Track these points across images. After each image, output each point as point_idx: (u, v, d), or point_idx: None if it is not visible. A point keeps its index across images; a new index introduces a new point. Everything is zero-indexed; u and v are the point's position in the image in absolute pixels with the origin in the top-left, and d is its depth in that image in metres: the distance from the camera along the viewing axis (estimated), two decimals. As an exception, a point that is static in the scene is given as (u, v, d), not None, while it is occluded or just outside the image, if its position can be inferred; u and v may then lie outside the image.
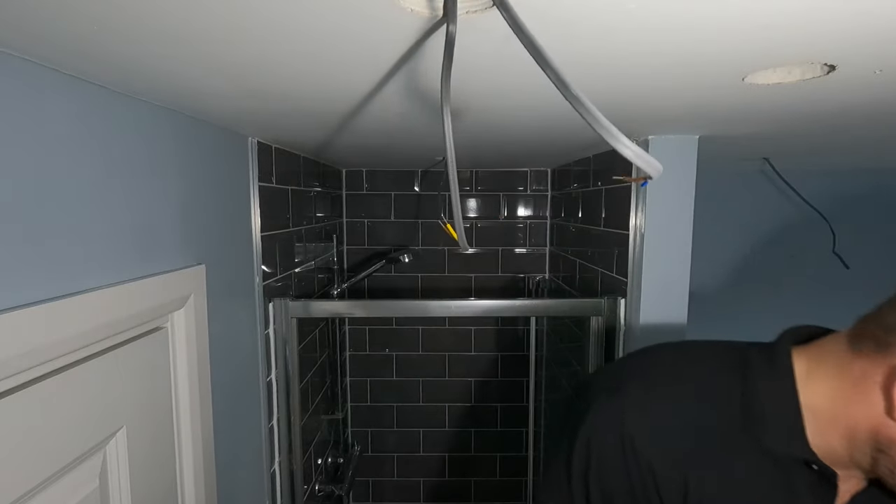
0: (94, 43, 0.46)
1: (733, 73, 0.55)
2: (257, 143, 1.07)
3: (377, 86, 0.61)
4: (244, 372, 1.04)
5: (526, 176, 1.99)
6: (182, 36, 0.44)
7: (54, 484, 0.54)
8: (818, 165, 1.69)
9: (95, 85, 0.59)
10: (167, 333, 0.76)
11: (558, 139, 1.10)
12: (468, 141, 1.12)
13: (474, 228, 2.02)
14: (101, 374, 0.61)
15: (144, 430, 0.69)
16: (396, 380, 2.12)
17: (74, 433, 0.56)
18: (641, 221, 1.07)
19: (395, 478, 2.17)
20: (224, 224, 0.94)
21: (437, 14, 0.39)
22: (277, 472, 1.22)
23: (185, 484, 0.80)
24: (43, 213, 0.52)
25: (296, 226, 1.36)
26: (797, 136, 1.00)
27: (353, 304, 1.21)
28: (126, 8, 0.39)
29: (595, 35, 0.44)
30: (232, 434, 0.97)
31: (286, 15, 0.40)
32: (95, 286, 0.59)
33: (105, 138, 0.62)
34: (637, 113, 0.78)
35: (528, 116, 0.81)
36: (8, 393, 0.48)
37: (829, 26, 0.42)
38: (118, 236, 0.64)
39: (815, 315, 1.38)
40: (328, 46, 0.47)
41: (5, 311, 0.47)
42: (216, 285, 0.89)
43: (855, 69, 0.53)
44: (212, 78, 0.58)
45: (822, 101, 0.67)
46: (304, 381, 1.42)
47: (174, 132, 0.77)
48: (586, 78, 0.57)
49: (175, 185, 0.77)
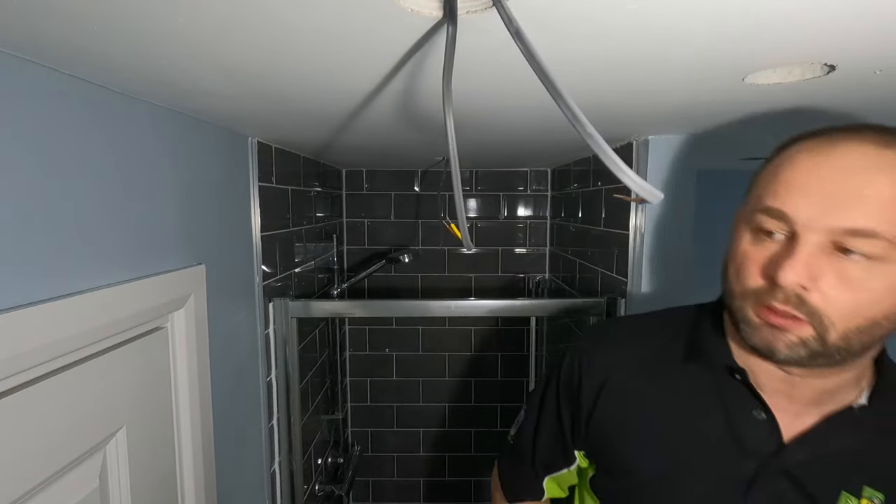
0: (94, 42, 0.46)
1: (733, 73, 0.55)
2: (257, 143, 1.07)
3: (378, 86, 0.61)
4: (244, 372, 1.04)
5: (526, 176, 1.99)
6: (182, 35, 0.44)
7: (54, 484, 0.54)
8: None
9: (95, 85, 0.59)
10: (167, 333, 0.76)
11: (559, 140, 1.10)
12: (468, 141, 1.12)
13: (474, 228, 2.02)
14: (101, 374, 0.61)
15: (144, 430, 0.69)
16: (396, 380, 2.12)
17: (74, 433, 0.56)
18: (641, 221, 1.07)
19: (395, 478, 2.17)
20: (224, 224, 0.94)
21: (437, 14, 0.39)
22: (277, 472, 1.22)
23: (185, 484, 0.80)
24: (43, 213, 0.52)
25: (296, 226, 1.36)
26: (797, 136, 1.00)
27: (353, 304, 1.21)
28: (126, 7, 0.39)
29: (595, 35, 0.44)
30: (232, 434, 0.97)
31: (286, 14, 0.40)
32: (95, 286, 0.59)
33: (105, 138, 0.62)
34: (637, 113, 0.78)
35: (529, 117, 0.81)
36: (8, 393, 0.48)
37: (829, 26, 0.42)
38: (118, 236, 0.64)
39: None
40: (328, 46, 0.47)
41: (5, 311, 0.47)
42: (216, 285, 0.89)
43: (855, 69, 0.53)
44: (212, 77, 0.58)
45: (822, 101, 0.67)
46: (304, 381, 1.42)
47: (174, 132, 0.77)
48: (586, 78, 0.57)
49: (175, 185, 0.77)
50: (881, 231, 0.43)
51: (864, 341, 0.47)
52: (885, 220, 0.43)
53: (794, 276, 0.45)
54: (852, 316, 0.45)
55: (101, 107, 0.61)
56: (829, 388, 0.53)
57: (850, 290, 0.44)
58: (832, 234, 0.44)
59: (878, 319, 0.45)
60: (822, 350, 0.47)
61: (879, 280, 0.44)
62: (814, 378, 0.52)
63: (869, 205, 0.43)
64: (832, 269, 0.45)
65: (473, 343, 2.09)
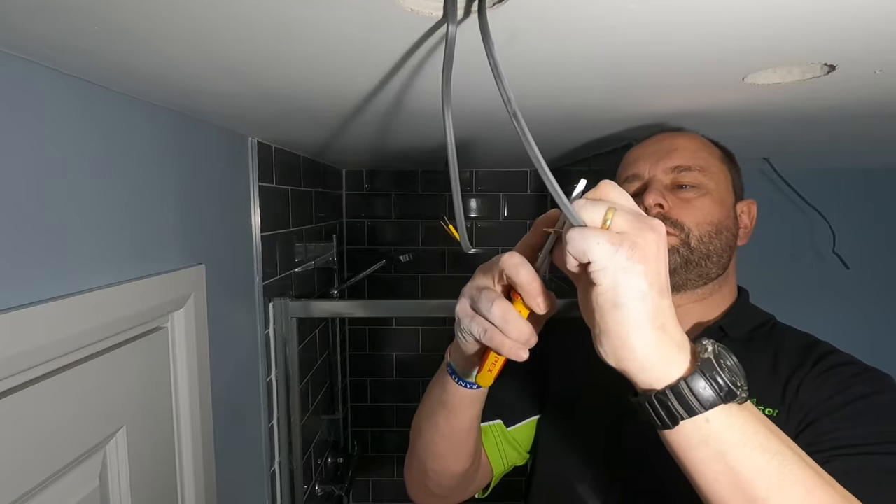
0: (94, 42, 0.46)
1: (733, 73, 0.55)
2: (257, 143, 1.07)
3: (378, 86, 0.61)
4: (244, 372, 1.04)
5: (526, 176, 1.99)
6: (182, 35, 0.44)
7: (54, 484, 0.54)
8: (818, 165, 1.69)
9: (95, 85, 0.59)
10: (167, 333, 0.76)
11: (559, 139, 1.10)
12: (468, 141, 1.12)
13: (474, 228, 2.02)
14: (101, 374, 0.61)
15: (144, 430, 0.69)
16: (396, 380, 2.12)
17: (74, 433, 0.56)
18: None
19: (395, 478, 2.17)
20: (224, 224, 0.94)
21: (437, 14, 0.39)
22: (277, 472, 1.22)
23: (185, 484, 0.80)
24: (42, 213, 0.52)
25: (296, 226, 1.36)
26: (797, 136, 1.00)
27: (353, 304, 1.21)
28: (126, 6, 0.38)
29: (595, 35, 0.44)
30: (232, 434, 0.97)
31: (286, 14, 0.40)
32: (95, 286, 0.59)
33: (105, 138, 0.62)
34: (637, 112, 0.78)
35: (529, 116, 0.81)
36: (8, 393, 0.48)
37: (829, 26, 0.42)
38: (118, 236, 0.64)
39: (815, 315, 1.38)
40: (328, 46, 0.47)
41: (5, 311, 0.47)
42: (216, 285, 0.89)
43: (855, 69, 0.53)
44: (212, 77, 0.58)
45: (822, 101, 0.67)
46: (304, 381, 1.42)
47: (174, 132, 0.77)
48: (586, 78, 0.57)
49: (175, 184, 0.77)
50: (692, 165, 0.67)
51: (717, 245, 0.66)
52: (693, 159, 0.68)
53: (653, 198, 0.65)
54: (702, 223, 0.65)
55: (101, 107, 0.61)
56: (704, 316, 0.68)
57: (692, 207, 0.66)
58: (666, 173, 0.68)
59: (718, 224, 0.66)
60: (689, 255, 0.64)
61: (707, 199, 0.66)
62: (692, 304, 0.68)
63: (682, 151, 0.69)
64: (676, 197, 0.66)
65: (473, 343, 2.08)
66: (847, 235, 1.75)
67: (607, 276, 0.35)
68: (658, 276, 0.36)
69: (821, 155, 1.37)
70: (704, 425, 0.36)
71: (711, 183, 0.67)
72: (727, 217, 0.68)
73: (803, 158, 1.47)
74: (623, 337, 0.36)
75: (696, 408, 0.36)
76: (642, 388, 0.38)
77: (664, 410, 0.37)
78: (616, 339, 0.36)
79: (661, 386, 0.37)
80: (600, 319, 0.37)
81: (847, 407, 0.55)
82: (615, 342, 0.37)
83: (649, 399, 0.37)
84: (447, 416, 0.60)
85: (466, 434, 0.62)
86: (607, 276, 0.35)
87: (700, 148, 0.70)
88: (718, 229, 0.66)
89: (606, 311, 0.36)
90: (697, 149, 0.69)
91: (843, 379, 0.58)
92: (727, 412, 0.37)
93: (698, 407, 0.36)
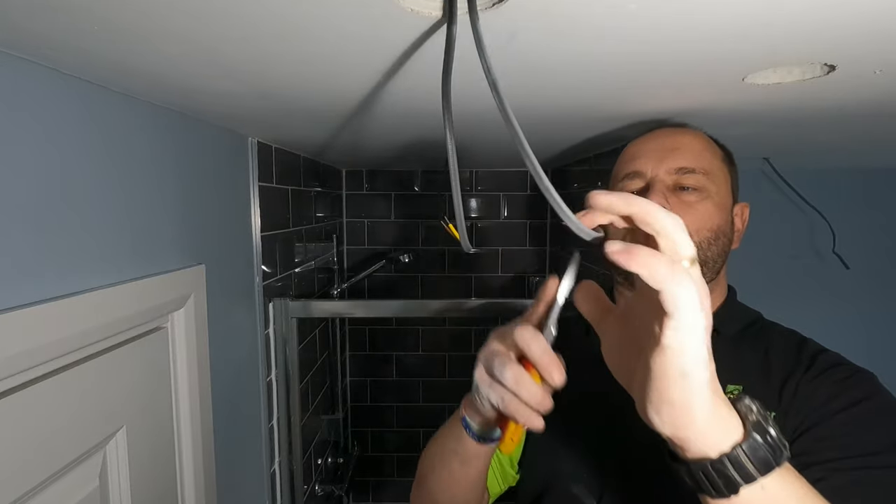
0: (94, 42, 0.46)
1: (733, 73, 0.55)
2: (257, 143, 1.07)
3: (378, 86, 0.61)
4: (244, 372, 1.04)
5: (526, 176, 1.99)
6: (182, 35, 0.44)
7: (54, 484, 0.54)
8: (818, 165, 1.69)
9: (95, 85, 0.59)
10: (167, 333, 0.76)
11: (560, 140, 1.10)
12: (468, 140, 1.12)
13: (474, 228, 2.02)
14: (101, 374, 0.61)
15: (144, 430, 0.69)
16: (396, 380, 2.12)
17: (74, 433, 0.56)
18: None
19: (395, 478, 2.17)
20: (224, 224, 0.94)
21: (437, 14, 0.39)
22: (277, 472, 1.22)
23: (185, 484, 0.80)
24: (42, 213, 0.52)
25: (296, 226, 1.36)
26: (797, 136, 1.00)
27: (353, 304, 1.21)
28: (126, 5, 0.38)
29: (596, 35, 0.44)
30: (232, 434, 0.97)
31: (286, 14, 0.40)
32: (95, 286, 0.59)
33: (104, 138, 0.62)
34: (637, 112, 0.78)
35: (529, 116, 0.81)
36: (8, 393, 0.48)
37: (829, 26, 0.42)
38: (118, 236, 0.64)
39: (814, 315, 1.38)
40: (328, 46, 0.47)
41: (5, 311, 0.47)
42: (216, 285, 0.89)
43: (855, 69, 0.53)
44: (211, 77, 0.58)
45: (822, 101, 0.67)
46: (304, 381, 1.42)
47: (174, 132, 0.77)
48: (586, 78, 0.57)
49: (175, 184, 0.77)
50: (696, 167, 0.65)
51: (714, 251, 0.65)
52: (697, 161, 0.66)
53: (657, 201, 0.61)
54: (701, 228, 0.64)
55: (101, 106, 0.61)
56: None
57: (693, 211, 0.64)
58: (669, 174, 0.66)
59: (717, 230, 0.65)
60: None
61: (708, 203, 0.65)
62: None
63: (686, 152, 0.67)
64: (677, 199, 0.65)
65: (473, 343, 2.09)
66: (847, 235, 1.75)
67: (683, 338, 0.31)
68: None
69: (820, 155, 1.37)
70: (760, 492, 0.35)
71: (713, 186, 0.66)
72: (725, 222, 0.67)
73: (803, 158, 1.47)
74: (687, 407, 0.33)
75: (753, 474, 0.34)
76: (694, 456, 0.36)
77: (722, 480, 0.35)
78: (679, 409, 0.33)
79: (716, 454, 0.35)
80: (664, 389, 0.33)
81: (843, 413, 0.56)
82: (677, 411, 0.34)
83: (704, 468, 0.35)
84: (461, 465, 0.62)
85: (479, 477, 0.64)
86: (683, 336, 0.31)
87: (704, 149, 0.69)
88: (717, 235, 0.66)
89: (673, 380, 0.33)
90: (702, 150, 0.68)
91: (837, 381, 0.59)
92: (780, 474, 0.35)
93: (755, 473, 0.34)
